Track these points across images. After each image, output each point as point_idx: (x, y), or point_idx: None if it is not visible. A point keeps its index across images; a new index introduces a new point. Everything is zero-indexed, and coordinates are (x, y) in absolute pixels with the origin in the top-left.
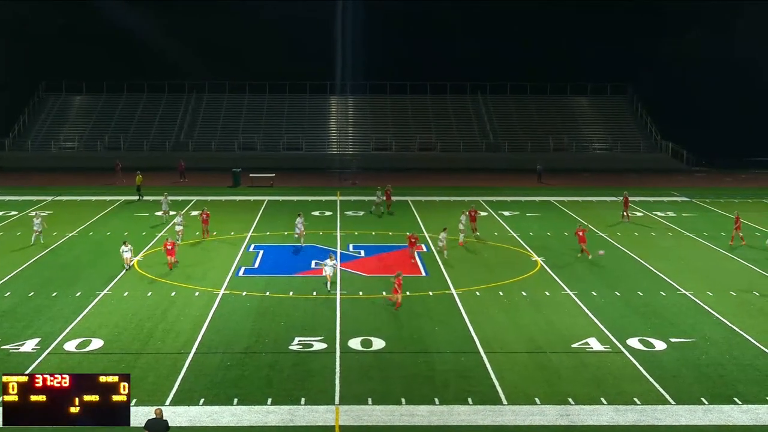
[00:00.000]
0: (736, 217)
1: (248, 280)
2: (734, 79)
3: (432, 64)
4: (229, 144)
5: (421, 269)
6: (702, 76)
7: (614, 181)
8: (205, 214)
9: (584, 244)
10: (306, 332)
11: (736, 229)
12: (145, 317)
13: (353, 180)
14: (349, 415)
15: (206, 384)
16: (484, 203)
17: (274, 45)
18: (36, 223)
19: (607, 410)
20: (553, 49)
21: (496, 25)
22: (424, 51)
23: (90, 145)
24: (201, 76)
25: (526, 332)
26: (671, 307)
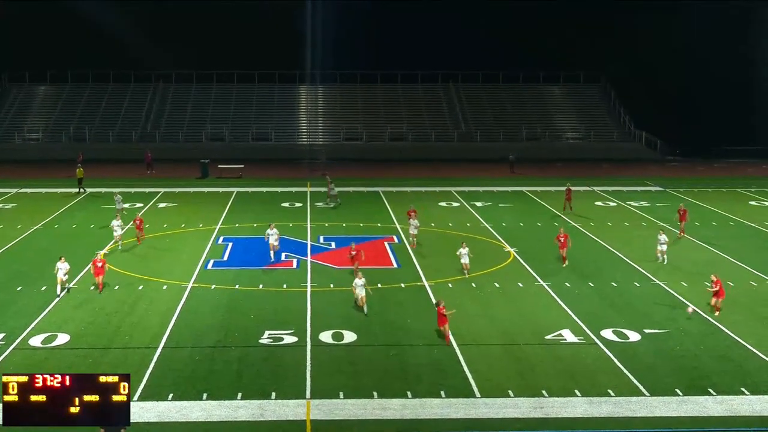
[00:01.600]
0: (683, 210)
1: (217, 273)
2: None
3: (403, 53)
4: (197, 134)
5: (392, 260)
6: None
7: (588, 170)
8: (138, 220)
9: (565, 249)
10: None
11: (681, 221)
12: (113, 311)
13: (323, 171)
14: (320, 410)
15: (175, 379)
16: (456, 194)
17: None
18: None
19: (581, 402)
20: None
21: (468, 13)
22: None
23: (55, 136)
24: (167, 66)
25: (499, 324)
26: (645, 298)
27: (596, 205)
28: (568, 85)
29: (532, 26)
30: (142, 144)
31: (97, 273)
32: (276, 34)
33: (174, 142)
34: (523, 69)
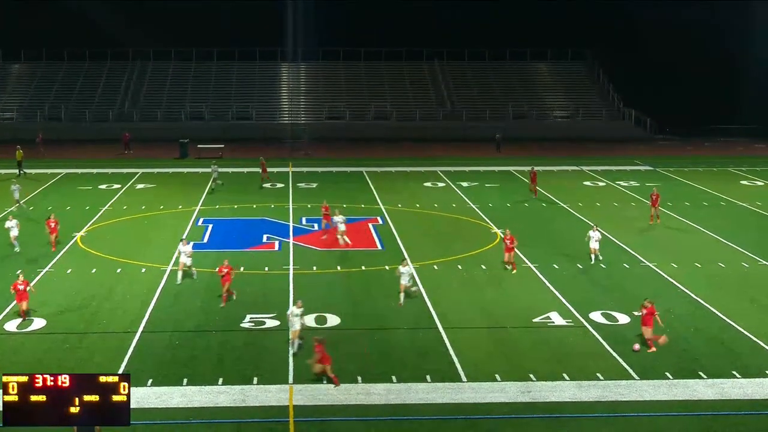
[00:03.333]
0: (655, 195)
1: (197, 256)
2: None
3: (387, 29)
4: (176, 114)
5: (377, 242)
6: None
7: (576, 150)
8: (52, 222)
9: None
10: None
11: (653, 206)
12: (90, 295)
13: (306, 150)
14: (303, 395)
15: (154, 364)
16: (442, 174)
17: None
18: None
19: (569, 386)
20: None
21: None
22: (378, 15)
23: (29, 115)
24: (145, 44)
25: (485, 307)
26: (635, 279)
27: (585, 185)
28: (556, 62)
29: (519, 2)
30: (119, 123)
31: (20, 298)
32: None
33: (152, 121)
34: (510, 46)
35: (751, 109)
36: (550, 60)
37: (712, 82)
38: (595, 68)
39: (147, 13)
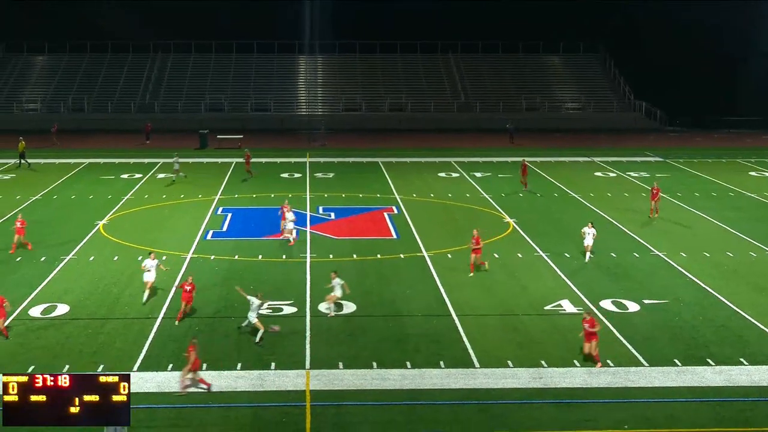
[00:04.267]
0: (655, 189)
1: (216, 244)
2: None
3: (402, 23)
4: (196, 105)
5: (392, 231)
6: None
7: (587, 141)
8: (20, 222)
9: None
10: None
11: (653, 200)
12: (112, 282)
13: (322, 141)
14: (319, 380)
15: (174, 349)
16: (456, 164)
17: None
18: None
19: (580, 373)
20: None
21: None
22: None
23: (53, 106)
24: (166, 36)
25: (498, 295)
26: (644, 268)
27: (596, 175)
28: (568, 55)
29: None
30: (140, 115)
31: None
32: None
33: (172, 112)
34: (523, 39)
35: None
36: (563, 53)
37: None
38: (607, 61)
39: (168, 6)
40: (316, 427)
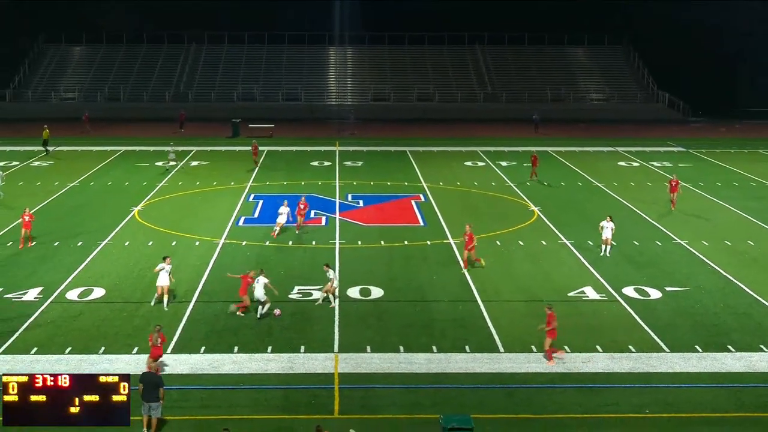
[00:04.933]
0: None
1: (248, 230)
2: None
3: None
4: (229, 94)
5: (419, 219)
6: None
7: (611, 131)
8: (27, 215)
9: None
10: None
11: (672, 192)
12: (146, 267)
13: (352, 130)
14: (348, 363)
15: (207, 332)
16: (482, 153)
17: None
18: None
19: (602, 358)
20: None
21: None
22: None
23: (90, 95)
24: (200, 27)
25: (522, 281)
26: (666, 256)
27: (619, 165)
28: (593, 47)
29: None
30: (175, 104)
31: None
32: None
33: (206, 101)
34: (548, 31)
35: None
36: (587, 45)
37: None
38: (631, 53)
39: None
40: (345, 408)
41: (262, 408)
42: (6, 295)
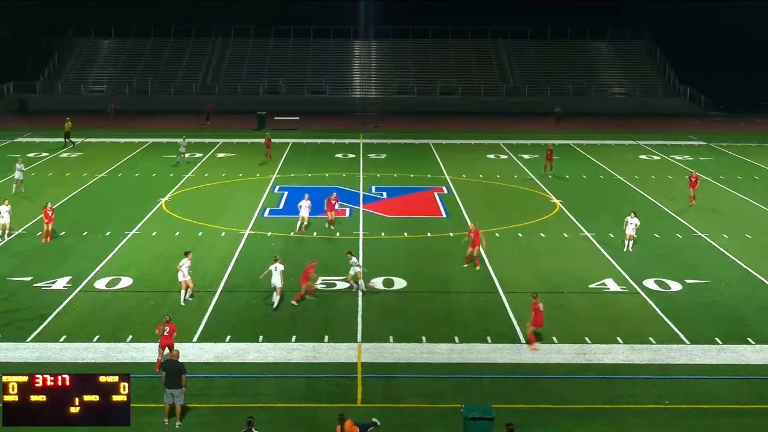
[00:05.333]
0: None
1: (273, 221)
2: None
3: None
4: (254, 87)
5: (441, 211)
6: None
7: (632, 125)
8: (49, 210)
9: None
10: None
11: (692, 188)
12: (173, 257)
13: (376, 123)
14: (371, 353)
15: (232, 322)
16: (504, 146)
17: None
18: (18, 169)
19: (622, 349)
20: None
21: None
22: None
23: (118, 88)
24: (226, 21)
25: (543, 273)
26: (687, 249)
27: (641, 158)
28: (615, 41)
29: None
30: (201, 96)
31: None
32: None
33: (232, 94)
34: (571, 25)
35: None
36: (609, 39)
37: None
38: (652, 47)
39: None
40: (367, 397)
41: (285, 396)
42: (36, 284)
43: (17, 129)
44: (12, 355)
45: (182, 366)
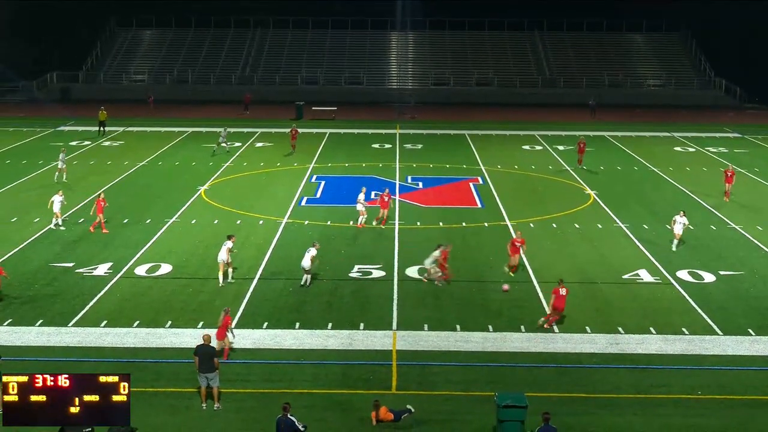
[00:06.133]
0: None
1: (310, 210)
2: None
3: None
4: (293, 78)
5: (477, 201)
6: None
7: (667, 117)
8: (102, 201)
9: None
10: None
11: (728, 183)
12: (212, 244)
13: (412, 114)
14: (405, 340)
15: (269, 309)
16: (539, 137)
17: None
18: (60, 159)
19: (655, 339)
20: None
21: None
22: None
23: (159, 78)
24: (266, 12)
25: (577, 263)
26: (721, 240)
27: (675, 150)
28: (650, 33)
29: None
30: (240, 87)
31: None
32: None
33: (271, 85)
34: (607, 17)
35: None
36: (645, 31)
37: None
38: (688, 39)
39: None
40: (402, 385)
41: (321, 383)
42: (77, 269)
43: (61, 118)
44: (54, 340)
45: (214, 350)
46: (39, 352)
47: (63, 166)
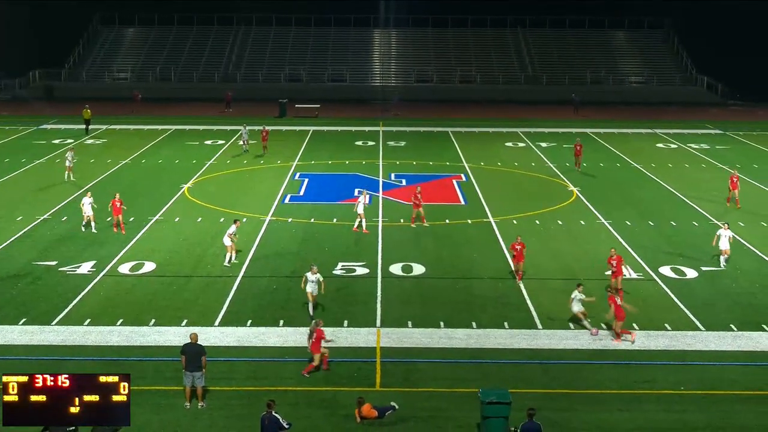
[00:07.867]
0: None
1: (294, 207)
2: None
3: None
4: (276, 75)
5: (460, 198)
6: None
7: (650, 113)
8: (118, 202)
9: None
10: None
11: (733, 189)
12: (196, 242)
13: (395, 111)
14: (390, 338)
15: (253, 306)
16: (522, 134)
17: None
18: (69, 158)
19: (639, 335)
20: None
21: None
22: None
23: (142, 76)
24: (248, 10)
25: (561, 260)
26: (703, 236)
27: (657, 147)
28: (633, 30)
29: None
30: (223, 84)
31: None
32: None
33: (254, 82)
34: (589, 14)
35: None
36: (627, 28)
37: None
38: (670, 36)
39: None
40: (386, 381)
41: (306, 380)
42: (60, 268)
43: (43, 115)
44: (38, 338)
45: (202, 348)
46: (22, 350)
47: (70, 165)
